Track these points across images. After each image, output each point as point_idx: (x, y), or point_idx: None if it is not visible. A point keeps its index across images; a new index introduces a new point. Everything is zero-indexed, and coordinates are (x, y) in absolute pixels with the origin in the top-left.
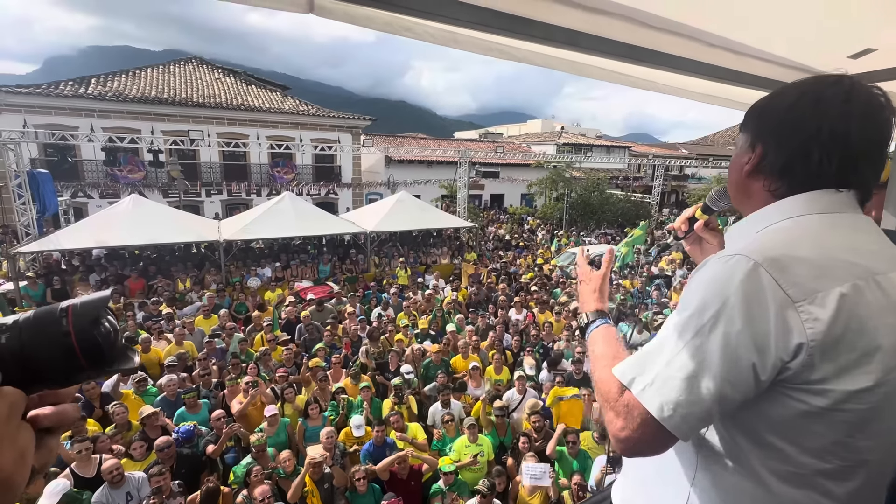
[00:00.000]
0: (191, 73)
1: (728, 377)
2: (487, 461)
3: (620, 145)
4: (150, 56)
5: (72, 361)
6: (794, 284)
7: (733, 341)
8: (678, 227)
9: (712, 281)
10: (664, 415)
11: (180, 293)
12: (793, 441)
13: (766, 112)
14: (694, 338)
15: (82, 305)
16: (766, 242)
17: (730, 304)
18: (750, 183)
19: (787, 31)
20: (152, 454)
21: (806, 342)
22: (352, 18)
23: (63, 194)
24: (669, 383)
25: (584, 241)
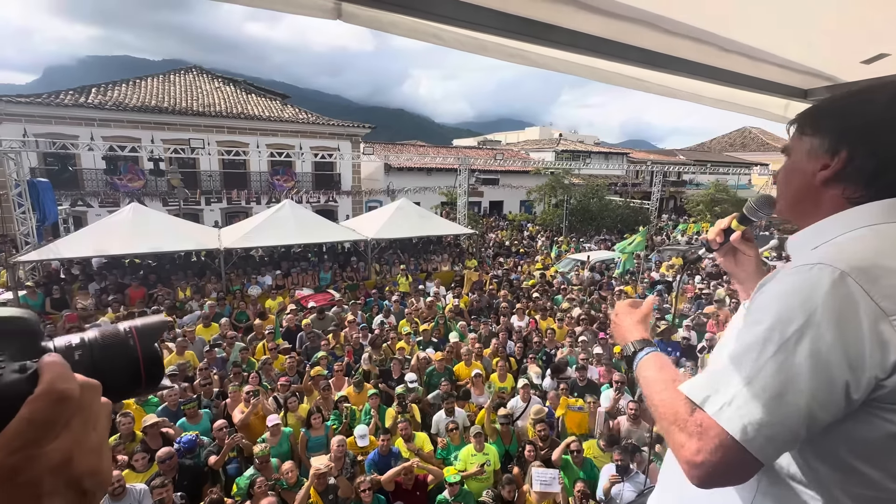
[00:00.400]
0: (191, 82)
1: (817, 396)
2: (494, 470)
3: (618, 152)
4: (149, 66)
5: (134, 379)
6: (886, 297)
7: (824, 357)
8: (713, 239)
9: (794, 292)
10: (747, 436)
11: (180, 302)
12: (878, 465)
13: (852, 113)
14: (777, 353)
15: (145, 327)
16: (848, 250)
17: (817, 317)
18: (823, 191)
19: (801, 36)
20: (154, 465)
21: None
22: (378, 24)
23: (63, 203)
24: (752, 402)
25: (584, 247)
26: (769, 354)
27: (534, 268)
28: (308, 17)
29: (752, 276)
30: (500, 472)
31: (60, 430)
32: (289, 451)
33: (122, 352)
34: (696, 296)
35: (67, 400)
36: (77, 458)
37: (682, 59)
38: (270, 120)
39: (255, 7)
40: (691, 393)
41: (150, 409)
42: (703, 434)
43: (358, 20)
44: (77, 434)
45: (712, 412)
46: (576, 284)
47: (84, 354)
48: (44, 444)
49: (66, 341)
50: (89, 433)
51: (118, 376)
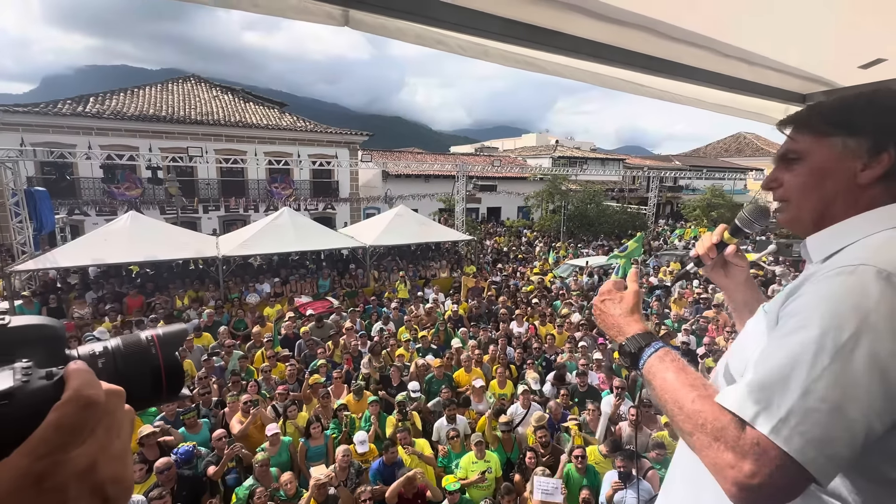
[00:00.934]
0: (189, 91)
1: (876, 406)
2: (495, 478)
3: (615, 158)
4: (147, 75)
5: (156, 388)
6: None
7: (883, 363)
8: (706, 254)
9: (842, 295)
10: (808, 457)
11: (178, 310)
12: None
13: (887, 112)
14: (833, 362)
15: (167, 335)
16: (888, 251)
17: (872, 321)
18: (864, 192)
19: (800, 42)
20: (152, 476)
21: None
22: (385, 31)
23: (60, 212)
24: (811, 418)
25: (582, 252)
26: (824, 363)
27: (532, 273)
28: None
29: (741, 286)
30: (501, 480)
31: (86, 436)
32: (288, 460)
33: (145, 360)
34: (695, 300)
35: (93, 406)
36: (101, 465)
37: (682, 64)
38: (268, 128)
39: (264, 14)
40: (740, 409)
41: (148, 420)
42: (760, 455)
43: (365, 27)
44: (102, 440)
45: (767, 431)
46: (574, 290)
47: (107, 362)
48: (70, 450)
49: (90, 349)
50: (113, 440)
51: (140, 384)
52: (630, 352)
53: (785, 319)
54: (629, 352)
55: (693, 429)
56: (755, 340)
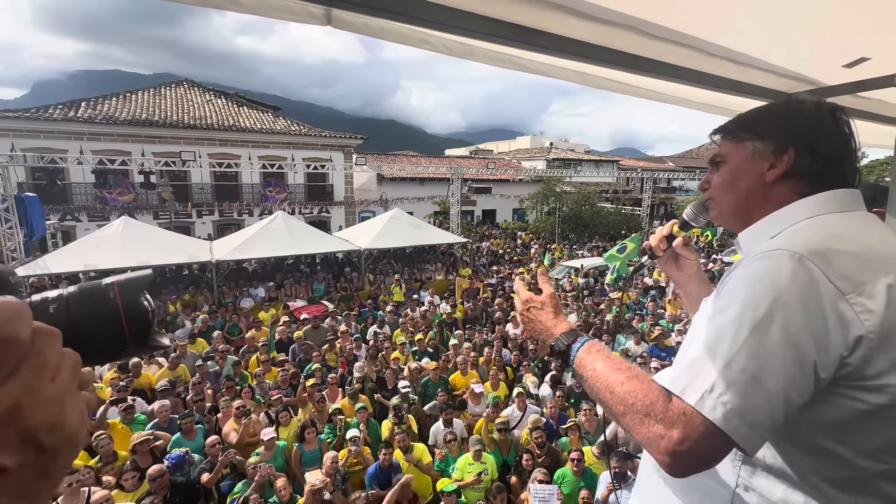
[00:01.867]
0: (182, 96)
1: (793, 377)
2: (491, 480)
3: (609, 159)
4: (140, 80)
5: (118, 336)
6: (841, 276)
7: (794, 337)
8: (657, 246)
9: (759, 277)
10: (731, 425)
11: (171, 315)
12: (849, 444)
13: (788, 119)
14: (751, 335)
15: (128, 281)
16: (802, 237)
17: (784, 299)
18: (772, 188)
19: (785, 41)
20: (144, 483)
21: (865, 334)
22: (369, 30)
23: (51, 218)
24: (733, 388)
25: (577, 254)
26: (743, 337)
27: (527, 276)
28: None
29: (693, 278)
30: (497, 482)
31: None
32: (283, 465)
33: (102, 306)
34: None
35: (10, 343)
36: (29, 409)
37: (668, 63)
38: (262, 132)
39: (246, 14)
40: (671, 384)
41: (138, 427)
42: (687, 423)
43: (348, 26)
44: (27, 381)
45: (694, 401)
46: (569, 291)
47: (59, 308)
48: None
49: (44, 295)
50: (45, 383)
51: (98, 333)
52: (560, 350)
53: (716, 301)
54: (559, 350)
55: (625, 409)
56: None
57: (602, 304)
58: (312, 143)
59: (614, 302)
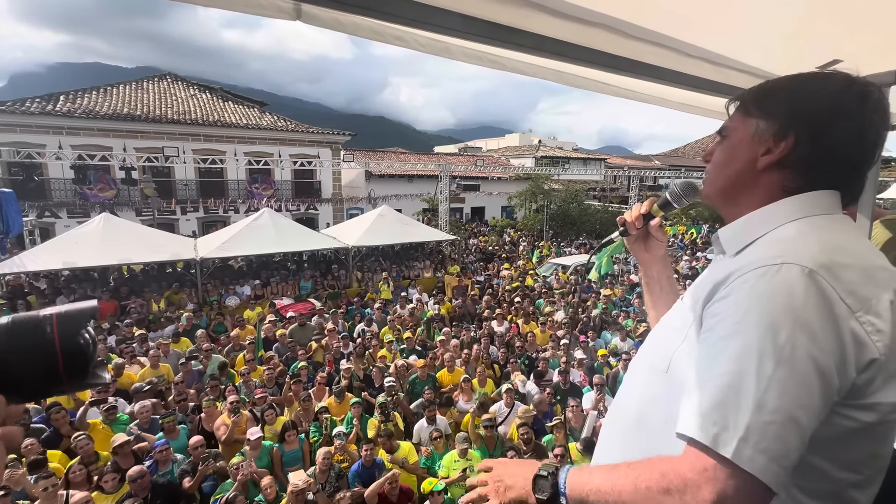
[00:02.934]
0: (165, 90)
1: (819, 407)
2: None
3: (596, 157)
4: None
5: (51, 371)
6: (849, 293)
7: (821, 364)
8: (632, 223)
9: (771, 296)
10: (771, 474)
11: (154, 314)
12: (832, 458)
13: (801, 99)
14: (777, 368)
15: (67, 313)
16: (805, 246)
17: (802, 321)
18: (761, 177)
19: (760, 42)
20: (125, 485)
21: (878, 357)
22: (340, 26)
23: (29, 214)
24: (770, 432)
25: (565, 251)
26: (769, 371)
27: (514, 272)
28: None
29: (657, 261)
30: None
31: None
32: (269, 465)
33: (36, 340)
34: None
35: None
36: None
37: (646, 63)
38: (248, 128)
39: (212, 7)
40: (702, 433)
41: (120, 429)
42: (715, 478)
43: (318, 21)
44: None
45: (731, 453)
46: (556, 288)
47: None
48: None
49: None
50: None
51: (29, 368)
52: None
53: (713, 321)
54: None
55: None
56: (677, 335)
57: (589, 300)
58: (299, 139)
59: (601, 299)
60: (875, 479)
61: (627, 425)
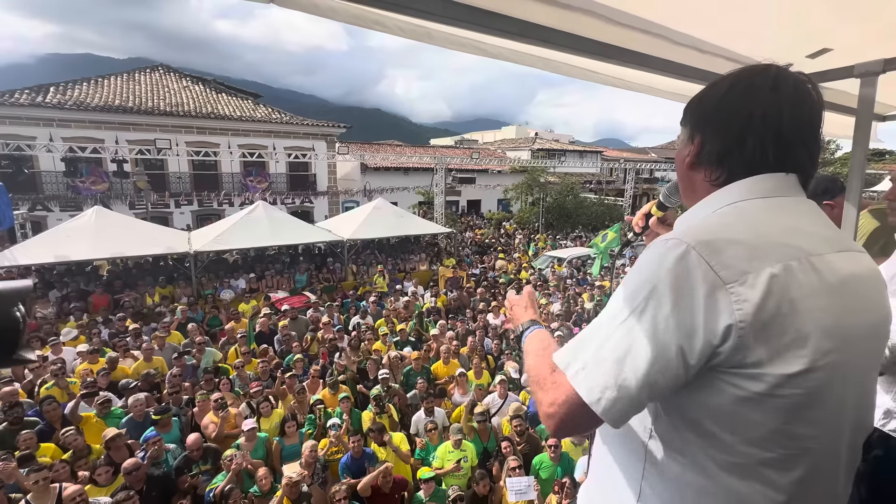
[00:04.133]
0: (157, 81)
1: (656, 361)
2: (471, 467)
3: (593, 150)
4: (114, 64)
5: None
6: (726, 266)
7: (661, 325)
8: (635, 224)
9: (647, 264)
10: (592, 398)
11: (148, 308)
12: (732, 430)
13: (701, 103)
14: (625, 321)
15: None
16: (701, 226)
17: (659, 287)
18: (692, 175)
19: (748, 31)
20: (119, 478)
21: (734, 323)
22: (316, 9)
23: (20, 207)
24: (600, 366)
25: (561, 244)
26: (618, 322)
27: (510, 266)
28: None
29: None
30: (477, 469)
31: None
32: (264, 456)
33: None
34: None
35: None
36: None
37: (634, 51)
38: (242, 120)
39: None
40: (557, 359)
41: (113, 423)
42: (556, 390)
43: (294, 4)
44: None
45: (570, 375)
46: (552, 281)
47: None
48: None
49: None
50: None
51: None
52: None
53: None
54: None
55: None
56: None
57: (584, 293)
58: (294, 131)
59: (597, 291)
60: (795, 462)
61: None
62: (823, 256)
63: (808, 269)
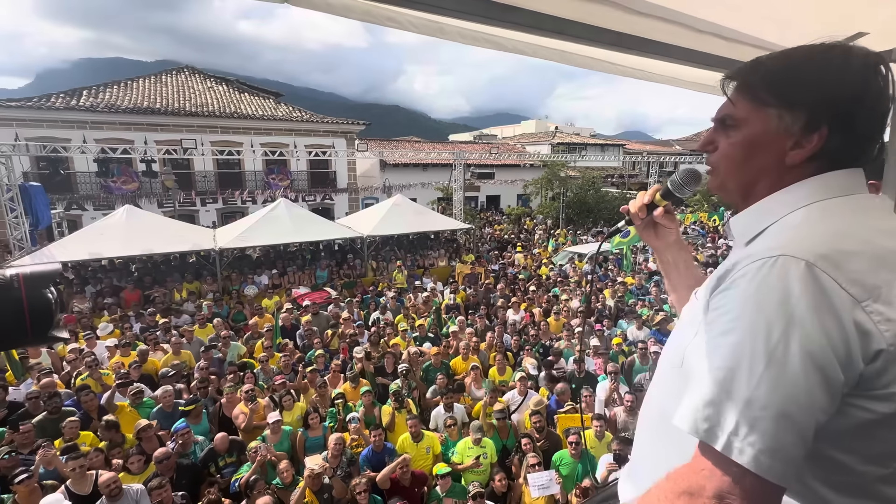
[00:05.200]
0: (183, 83)
1: (820, 402)
2: (490, 463)
3: (615, 143)
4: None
5: (18, 325)
6: (853, 283)
7: (817, 360)
8: (636, 213)
9: (766, 292)
10: (763, 466)
11: (176, 303)
12: (854, 451)
13: (830, 84)
14: (768, 367)
15: (33, 273)
16: (805, 236)
17: (798, 317)
18: (790, 171)
19: (778, 16)
20: (150, 466)
21: (886, 348)
22: (329, 7)
23: (57, 207)
24: (759, 428)
25: (581, 239)
26: (760, 369)
27: (530, 261)
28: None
29: (671, 246)
30: (496, 466)
31: None
32: (289, 449)
33: (4, 296)
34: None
35: None
36: None
37: (654, 41)
38: (264, 119)
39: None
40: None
41: (145, 413)
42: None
43: (307, 4)
44: None
45: (721, 447)
46: (572, 277)
47: None
48: None
49: None
50: None
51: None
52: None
53: (714, 315)
54: None
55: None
56: (690, 329)
57: (605, 289)
58: (314, 129)
59: (617, 287)
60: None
61: (654, 422)
62: None
63: None
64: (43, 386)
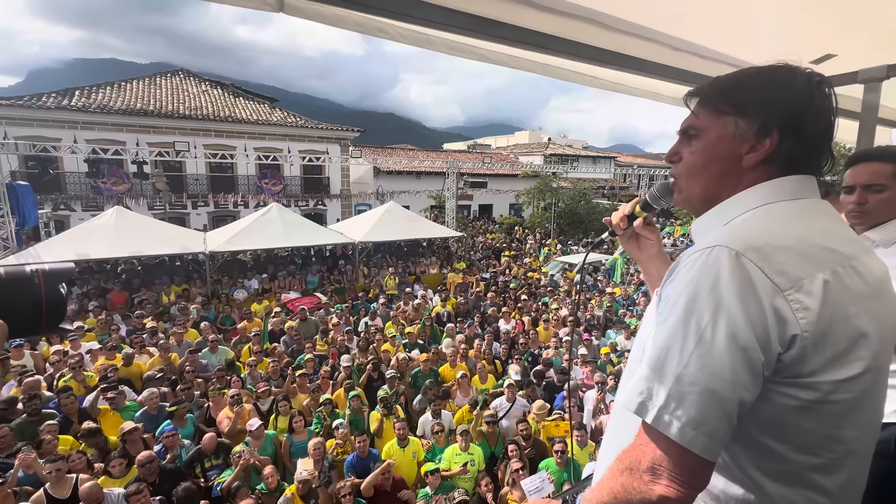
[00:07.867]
0: (177, 86)
1: (744, 380)
2: (478, 470)
3: (606, 155)
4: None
5: (35, 317)
6: (779, 273)
7: (741, 340)
8: (617, 224)
9: (698, 278)
10: (687, 437)
11: (164, 306)
12: (784, 439)
13: (775, 96)
14: (698, 345)
15: (52, 270)
16: (742, 231)
17: (725, 301)
18: (746, 174)
19: (751, 36)
20: (133, 470)
21: (800, 333)
22: (322, 18)
23: (45, 207)
24: (686, 402)
25: (572, 249)
26: (690, 348)
27: (520, 270)
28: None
29: (653, 258)
30: (484, 473)
31: None
32: (273, 454)
33: (25, 290)
34: None
35: None
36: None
37: (633, 56)
38: (258, 123)
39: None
40: (628, 403)
41: (129, 415)
42: (648, 447)
43: (301, 13)
44: None
45: (651, 419)
46: (562, 287)
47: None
48: None
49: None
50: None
51: (19, 312)
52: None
53: (662, 304)
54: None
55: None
56: (650, 325)
57: (593, 299)
58: (309, 135)
59: (605, 297)
60: (841, 465)
61: (620, 413)
62: (860, 259)
63: (851, 273)
64: (27, 386)
